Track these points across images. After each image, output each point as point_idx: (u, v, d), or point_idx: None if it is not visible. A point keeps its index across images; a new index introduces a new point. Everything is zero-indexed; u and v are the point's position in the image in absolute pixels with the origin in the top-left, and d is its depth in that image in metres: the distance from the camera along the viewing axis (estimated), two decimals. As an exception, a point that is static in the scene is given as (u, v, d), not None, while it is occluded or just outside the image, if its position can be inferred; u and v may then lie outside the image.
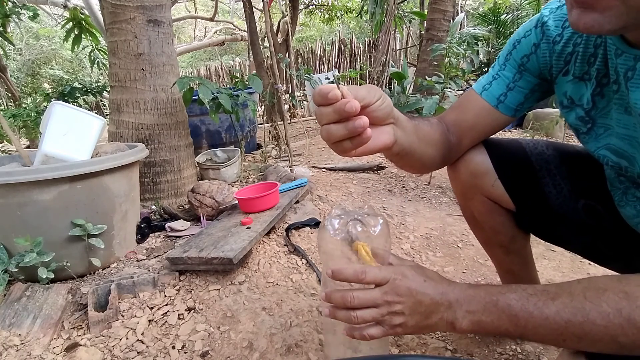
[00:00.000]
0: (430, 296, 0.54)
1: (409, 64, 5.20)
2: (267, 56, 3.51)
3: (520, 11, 5.42)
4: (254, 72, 3.50)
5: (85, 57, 5.95)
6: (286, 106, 4.34)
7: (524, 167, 0.78)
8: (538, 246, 1.48)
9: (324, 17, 8.01)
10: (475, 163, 0.79)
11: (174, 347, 0.96)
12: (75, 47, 3.24)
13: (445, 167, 0.83)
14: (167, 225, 1.61)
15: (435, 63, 3.77)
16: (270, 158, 2.95)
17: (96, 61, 3.54)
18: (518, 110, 0.72)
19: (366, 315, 0.55)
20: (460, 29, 5.16)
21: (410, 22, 5.99)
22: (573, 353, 0.50)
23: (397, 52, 6.77)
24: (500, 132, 2.13)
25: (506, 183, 0.78)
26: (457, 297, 0.53)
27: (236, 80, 2.53)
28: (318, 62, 8.15)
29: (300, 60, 8.16)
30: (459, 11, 6.29)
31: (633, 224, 0.65)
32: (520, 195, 0.80)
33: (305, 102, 6.27)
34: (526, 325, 0.48)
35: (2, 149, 3.24)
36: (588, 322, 0.45)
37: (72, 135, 1.37)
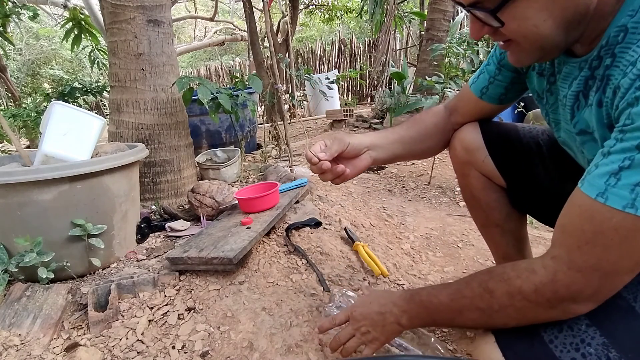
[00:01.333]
0: (375, 311, 0.71)
1: (409, 64, 5.20)
2: (267, 56, 3.51)
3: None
4: (254, 72, 3.50)
5: (85, 57, 5.95)
6: (286, 106, 4.34)
7: (514, 147, 0.85)
8: (538, 246, 1.48)
9: (324, 17, 8.01)
10: (468, 140, 0.86)
11: (174, 347, 0.96)
12: (75, 47, 3.24)
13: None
14: (167, 225, 1.61)
15: (435, 63, 3.77)
16: (270, 158, 2.95)
17: (96, 61, 3.54)
18: (502, 100, 0.81)
19: (352, 343, 0.75)
20: (460, 29, 5.16)
21: (410, 22, 5.98)
22: (484, 333, 0.60)
23: (397, 52, 6.77)
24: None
25: (496, 160, 0.85)
26: (394, 303, 0.69)
27: (236, 80, 2.53)
28: (318, 62, 8.16)
29: (300, 60, 8.16)
30: (459, 11, 6.28)
31: None
32: (510, 173, 0.86)
33: (305, 102, 6.27)
34: (433, 312, 0.63)
35: (2, 149, 3.24)
36: (461, 297, 0.59)
37: (72, 135, 1.37)
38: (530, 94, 0.77)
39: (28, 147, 4.10)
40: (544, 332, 0.52)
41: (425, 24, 4.13)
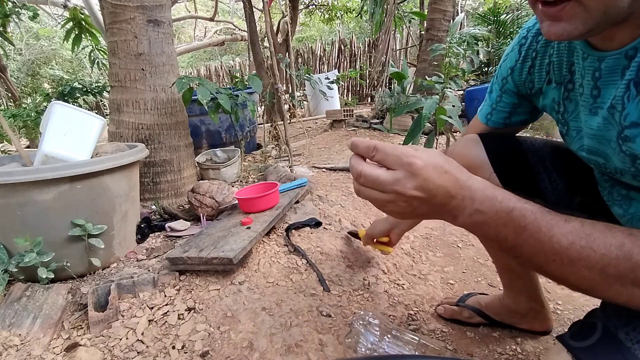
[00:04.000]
0: (446, 190, 0.47)
1: (409, 64, 5.20)
2: (267, 56, 3.51)
3: (520, 11, 5.41)
4: (254, 72, 3.50)
5: (85, 57, 5.95)
6: (286, 106, 4.34)
7: (519, 162, 0.82)
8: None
9: (324, 17, 8.01)
10: (471, 157, 0.83)
11: (174, 347, 0.96)
12: (75, 47, 3.24)
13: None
14: (167, 225, 1.61)
15: (435, 63, 3.77)
16: (270, 158, 2.95)
17: (96, 61, 3.54)
18: (507, 124, 0.83)
19: (369, 194, 0.49)
20: (460, 29, 5.15)
21: (410, 22, 5.98)
22: (554, 347, 0.51)
23: (397, 52, 6.77)
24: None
25: (502, 177, 0.81)
26: (472, 195, 0.48)
27: (236, 80, 2.53)
28: (318, 62, 8.16)
29: (300, 60, 8.16)
30: (459, 11, 6.28)
31: (623, 223, 0.66)
32: (516, 189, 0.81)
33: (305, 102, 6.27)
34: (527, 239, 0.47)
35: (2, 149, 3.24)
36: (588, 247, 0.45)
37: (72, 135, 1.37)
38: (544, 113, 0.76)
39: (28, 147, 4.10)
40: (626, 338, 0.46)
41: (425, 24, 4.13)
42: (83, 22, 3.17)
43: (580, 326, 0.52)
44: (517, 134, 0.87)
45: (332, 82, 3.85)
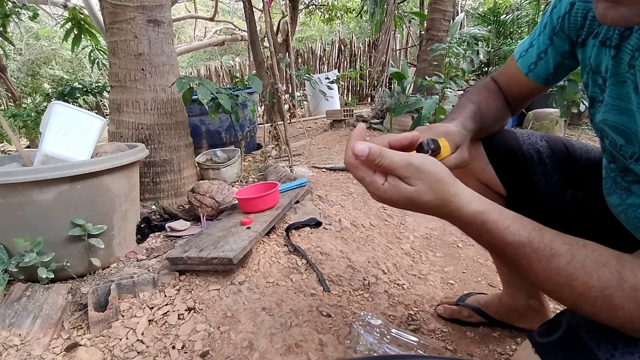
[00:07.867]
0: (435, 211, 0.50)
1: (409, 64, 5.20)
2: (267, 56, 3.51)
3: (520, 11, 5.41)
4: (254, 72, 3.50)
5: (85, 57, 5.95)
6: (286, 106, 4.34)
7: (515, 154, 0.81)
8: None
9: (324, 17, 8.01)
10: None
11: (174, 347, 0.96)
12: (75, 47, 3.24)
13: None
14: (167, 225, 1.61)
15: (435, 63, 3.77)
16: (270, 158, 2.95)
17: (96, 61, 3.54)
18: (549, 80, 0.73)
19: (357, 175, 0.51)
20: (460, 29, 5.16)
21: (410, 22, 5.98)
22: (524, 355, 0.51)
23: (397, 52, 6.77)
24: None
25: (497, 168, 0.82)
26: (468, 203, 0.52)
27: (236, 80, 2.53)
28: (318, 62, 8.16)
29: (300, 60, 8.16)
30: (459, 11, 6.28)
31: (616, 213, 0.65)
32: (511, 181, 0.82)
33: (305, 102, 6.27)
34: (504, 256, 0.50)
35: (2, 149, 3.24)
36: (567, 285, 0.46)
37: (72, 135, 1.37)
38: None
39: (28, 147, 4.10)
40: (598, 350, 0.46)
41: (425, 24, 4.13)
42: (83, 22, 3.17)
43: (548, 323, 0.52)
44: (513, 129, 0.87)
45: (332, 82, 3.84)
